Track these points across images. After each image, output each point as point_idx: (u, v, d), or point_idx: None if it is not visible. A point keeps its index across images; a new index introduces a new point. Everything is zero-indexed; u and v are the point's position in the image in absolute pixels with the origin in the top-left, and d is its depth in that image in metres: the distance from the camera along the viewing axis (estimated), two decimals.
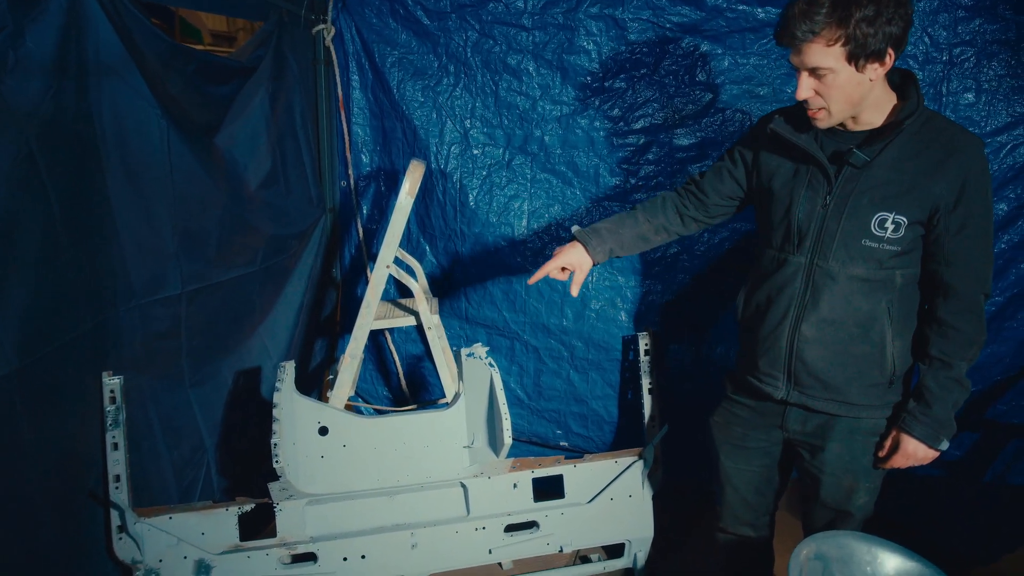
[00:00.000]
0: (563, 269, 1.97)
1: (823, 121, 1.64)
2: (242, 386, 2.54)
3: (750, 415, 1.95)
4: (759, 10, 2.44)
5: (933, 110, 1.69)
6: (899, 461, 1.74)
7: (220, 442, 2.43)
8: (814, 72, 1.55)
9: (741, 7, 2.45)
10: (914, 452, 1.71)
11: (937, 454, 1.72)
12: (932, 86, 2.34)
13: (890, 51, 1.52)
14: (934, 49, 2.32)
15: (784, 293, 1.77)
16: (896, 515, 2.54)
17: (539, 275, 1.96)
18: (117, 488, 1.97)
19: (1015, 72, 2.28)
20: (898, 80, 1.66)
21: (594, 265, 1.98)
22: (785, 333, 1.77)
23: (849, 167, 1.65)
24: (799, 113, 1.72)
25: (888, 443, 1.76)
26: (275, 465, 2.12)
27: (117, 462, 1.96)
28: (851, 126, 1.67)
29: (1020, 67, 2.27)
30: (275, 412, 2.14)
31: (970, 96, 2.32)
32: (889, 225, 1.62)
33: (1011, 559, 2.58)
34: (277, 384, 2.18)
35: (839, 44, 1.49)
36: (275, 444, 2.12)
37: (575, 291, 1.96)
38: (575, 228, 2.00)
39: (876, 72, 1.55)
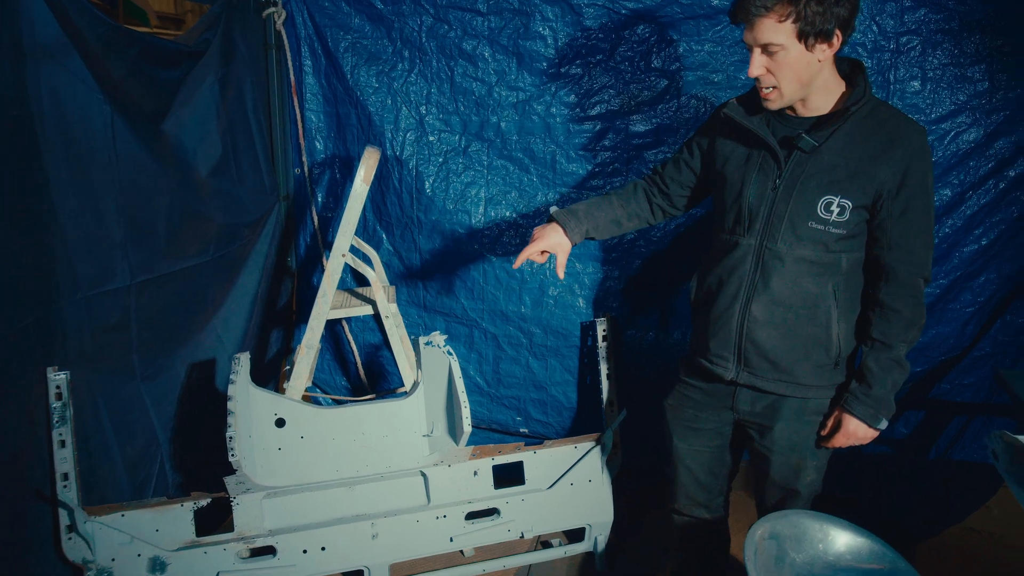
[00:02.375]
0: (543, 252, 1.99)
1: (774, 101, 1.68)
2: (196, 379, 2.49)
3: (702, 397, 1.99)
4: None
5: (880, 99, 1.75)
6: (840, 440, 1.80)
7: (174, 436, 2.38)
8: (766, 49, 1.60)
9: None
10: (855, 431, 1.77)
11: (876, 433, 1.78)
12: (880, 74, 2.39)
13: (838, 33, 1.57)
14: (882, 37, 2.37)
15: (735, 275, 1.80)
16: (846, 491, 2.62)
17: (521, 259, 1.98)
18: (65, 487, 1.91)
19: (958, 61, 2.34)
20: (847, 69, 1.71)
21: (572, 246, 2.01)
22: (736, 314, 1.81)
23: (798, 151, 1.70)
24: (752, 100, 1.77)
25: (830, 422, 1.82)
26: (231, 459, 2.08)
27: (65, 460, 1.90)
28: (801, 111, 1.72)
29: (963, 56, 2.34)
30: (230, 405, 2.10)
31: (916, 84, 2.38)
32: (835, 208, 1.67)
33: (954, 531, 2.68)
34: (232, 376, 2.14)
35: (790, 20, 1.54)
36: (230, 437, 2.08)
37: (560, 273, 1.99)
38: (554, 209, 2.04)
39: (824, 53, 1.60)
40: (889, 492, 2.72)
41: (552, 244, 1.98)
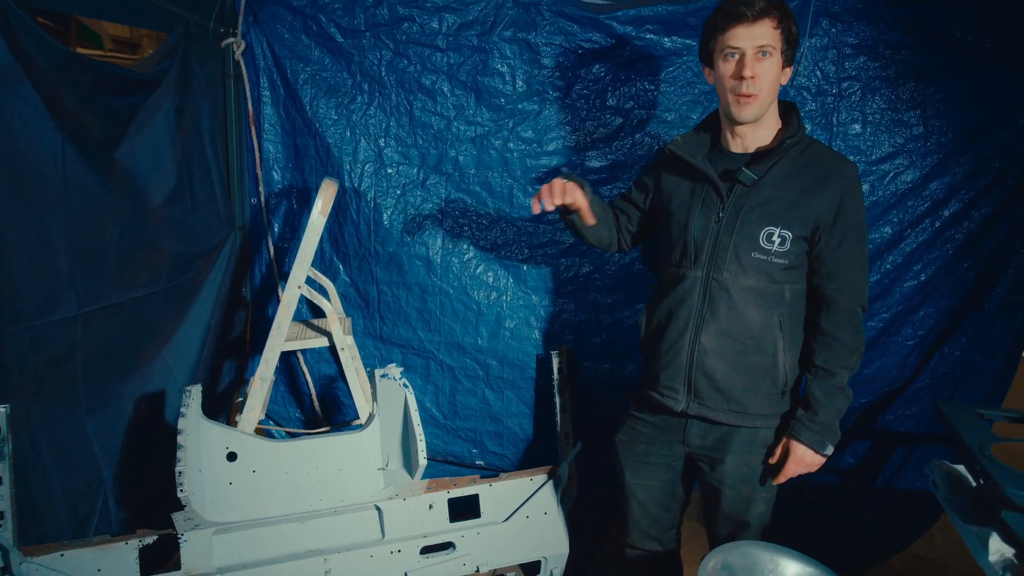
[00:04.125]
0: (564, 185, 1.90)
1: (751, 108, 1.74)
2: (144, 411, 2.42)
3: (652, 431, 2.02)
4: (665, 39, 2.55)
5: (813, 138, 1.86)
6: (791, 468, 1.84)
7: (120, 471, 2.30)
8: (760, 50, 1.69)
9: (649, 36, 2.55)
10: (802, 457, 1.81)
11: (823, 460, 1.82)
12: (824, 116, 2.50)
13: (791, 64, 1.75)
14: (825, 82, 2.48)
15: (684, 306, 1.85)
16: (796, 520, 2.66)
17: (549, 196, 1.89)
18: (0, 526, 1.83)
19: (895, 106, 2.47)
20: (783, 110, 1.83)
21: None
22: (686, 345, 1.85)
23: (739, 185, 1.77)
24: (695, 138, 1.88)
25: (779, 450, 1.86)
26: (179, 494, 2.03)
27: (1, 498, 1.82)
28: (748, 143, 1.82)
29: (899, 102, 2.46)
30: (180, 438, 2.05)
31: (857, 127, 2.49)
32: (776, 238, 1.74)
33: (900, 558, 2.75)
34: (182, 409, 2.09)
35: (780, 31, 1.68)
36: (179, 472, 2.03)
37: (590, 220, 1.97)
38: (566, 171, 2.16)
39: (783, 78, 1.75)
40: (838, 521, 2.77)
41: (577, 199, 1.92)
